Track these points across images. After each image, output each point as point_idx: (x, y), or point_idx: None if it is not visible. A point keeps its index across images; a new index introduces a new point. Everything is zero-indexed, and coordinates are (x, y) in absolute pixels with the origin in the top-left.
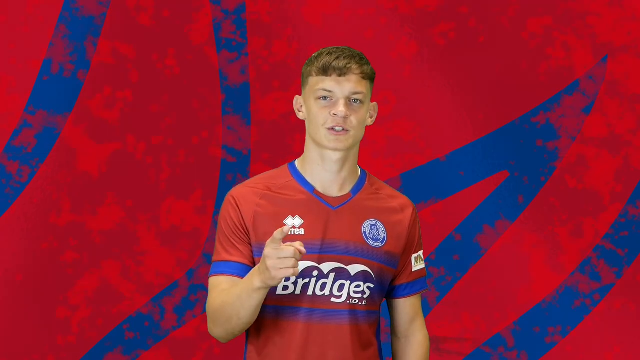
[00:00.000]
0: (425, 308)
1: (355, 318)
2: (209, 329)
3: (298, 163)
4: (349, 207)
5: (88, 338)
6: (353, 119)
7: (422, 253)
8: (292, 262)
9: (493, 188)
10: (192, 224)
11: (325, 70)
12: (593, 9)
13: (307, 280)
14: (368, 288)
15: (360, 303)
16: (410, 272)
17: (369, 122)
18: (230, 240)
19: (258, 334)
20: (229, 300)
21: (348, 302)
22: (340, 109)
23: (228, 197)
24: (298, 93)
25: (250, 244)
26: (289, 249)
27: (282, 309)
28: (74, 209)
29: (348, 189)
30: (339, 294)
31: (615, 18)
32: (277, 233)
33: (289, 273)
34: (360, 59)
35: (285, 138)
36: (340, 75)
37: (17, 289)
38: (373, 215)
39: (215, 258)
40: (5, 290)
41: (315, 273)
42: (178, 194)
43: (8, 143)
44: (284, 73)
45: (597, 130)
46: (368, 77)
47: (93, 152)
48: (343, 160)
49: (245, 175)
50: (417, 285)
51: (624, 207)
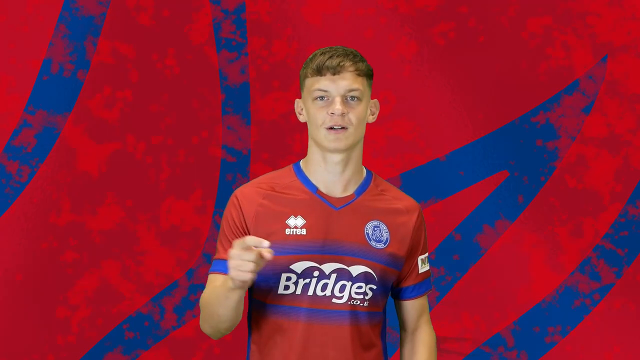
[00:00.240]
0: None
1: (356, 319)
2: (200, 325)
3: (302, 163)
4: (352, 207)
5: (88, 338)
6: (351, 116)
7: (428, 255)
8: (250, 266)
9: (493, 188)
10: (192, 224)
11: (320, 70)
12: (593, 9)
13: (307, 281)
14: (370, 289)
15: (362, 304)
16: (417, 274)
17: (371, 119)
18: (230, 240)
19: (260, 334)
20: (212, 298)
21: (349, 303)
22: (337, 107)
23: (232, 196)
24: (298, 93)
25: None
26: (250, 254)
27: (282, 309)
28: (74, 209)
29: (352, 190)
30: (340, 295)
31: (615, 18)
32: (250, 240)
33: (245, 277)
34: (354, 56)
35: (285, 138)
36: (335, 74)
37: (17, 289)
38: (377, 217)
39: (215, 256)
40: (5, 290)
41: (316, 273)
42: (178, 194)
43: (8, 143)
44: (284, 73)
45: (597, 130)
46: (363, 73)
47: (93, 152)
48: (345, 161)
49: (245, 175)
50: (423, 287)
51: (624, 207)
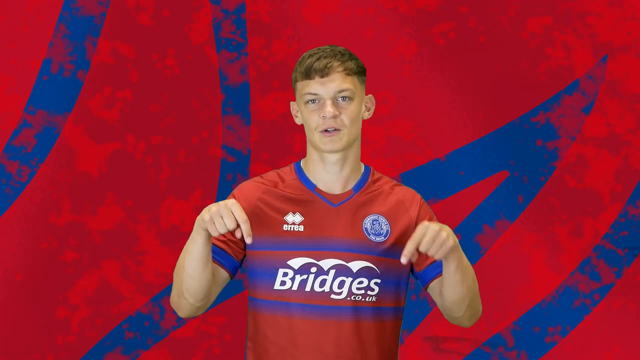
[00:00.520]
0: (425, 308)
1: (359, 315)
2: (170, 300)
3: (302, 163)
4: (350, 204)
5: (88, 338)
6: (344, 117)
7: None
8: (222, 229)
9: (493, 188)
10: (192, 224)
11: (308, 74)
12: (593, 9)
13: (304, 277)
14: (376, 284)
15: (365, 299)
16: None
17: (366, 115)
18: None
19: (256, 330)
20: (182, 254)
21: (349, 298)
22: (328, 110)
23: (235, 190)
24: None
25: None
26: (231, 223)
27: (278, 304)
28: (74, 209)
29: (350, 187)
30: (339, 291)
31: (615, 18)
32: (242, 221)
33: (205, 215)
34: (342, 55)
35: (285, 138)
36: (323, 76)
37: (17, 289)
38: (375, 210)
39: None
40: (5, 290)
41: (314, 269)
42: (178, 194)
43: (8, 143)
44: (284, 73)
45: (597, 130)
46: (353, 72)
47: (93, 152)
48: (343, 160)
49: (245, 175)
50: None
51: (624, 207)
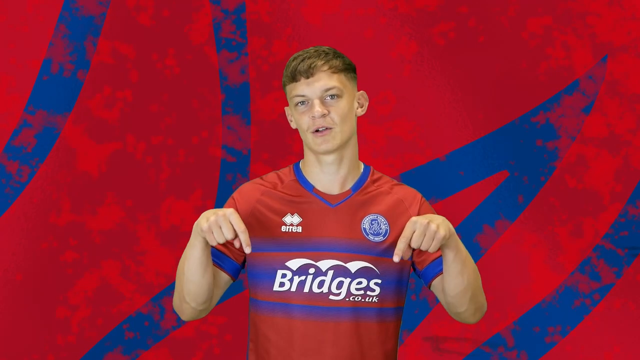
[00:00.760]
0: (425, 308)
1: (359, 316)
2: (173, 303)
3: (301, 164)
4: (348, 204)
5: (88, 338)
6: (333, 115)
7: None
8: (220, 238)
9: (493, 188)
10: (192, 224)
11: (294, 76)
12: (593, 9)
13: (302, 278)
14: (376, 284)
15: (366, 300)
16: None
17: (359, 112)
18: None
19: (257, 331)
20: (182, 259)
21: (348, 299)
22: (316, 109)
23: (235, 192)
24: None
25: None
26: (229, 232)
27: (278, 306)
28: (74, 209)
29: (349, 186)
30: (338, 292)
31: (615, 18)
32: (241, 231)
33: (203, 224)
34: (326, 54)
35: (285, 138)
36: (308, 77)
37: (17, 289)
38: (374, 210)
39: None
40: (5, 290)
41: (312, 270)
42: (178, 194)
43: (8, 143)
44: None
45: (597, 130)
46: (339, 69)
47: (93, 152)
48: (339, 160)
49: (245, 176)
50: None
51: (624, 207)
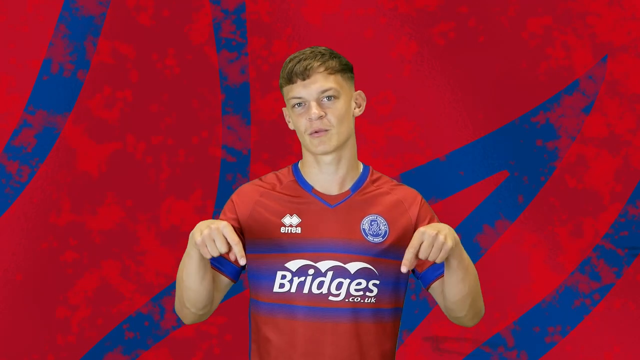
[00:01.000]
0: (425, 308)
1: (357, 317)
2: (174, 307)
3: (300, 164)
4: (348, 204)
5: (88, 338)
6: (330, 117)
7: None
8: (214, 252)
9: (493, 188)
10: (192, 224)
11: (290, 78)
12: (593, 9)
13: (302, 279)
14: (374, 285)
15: (364, 301)
16: None
17: (357, 112)
18: None
19: (258, 332)
20: (180, 266)
21: (347, 300)
22: (313, 111)
23: (233, 194)
24: None
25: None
26: (222, 246)
27: (278, 307)
28: (74, 209)
29: (348, 187)
30: (337, 292)
31: (615, 18)
32: (235, 243)
33: (197, 237)
34: (322, 55)
35: (285, 138)
36: (305, 79)
37: (17, 289)
38: (373, 211)
39: None
40: (5, 290)
41: (312, 271)
42: (178, 194)
43: (8, 143)
44: None
45: (597, 130)
46: (335, 70)
47: (93, 152)
48: (337, 160)
49: (245, 176)
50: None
51: (624, 207)
